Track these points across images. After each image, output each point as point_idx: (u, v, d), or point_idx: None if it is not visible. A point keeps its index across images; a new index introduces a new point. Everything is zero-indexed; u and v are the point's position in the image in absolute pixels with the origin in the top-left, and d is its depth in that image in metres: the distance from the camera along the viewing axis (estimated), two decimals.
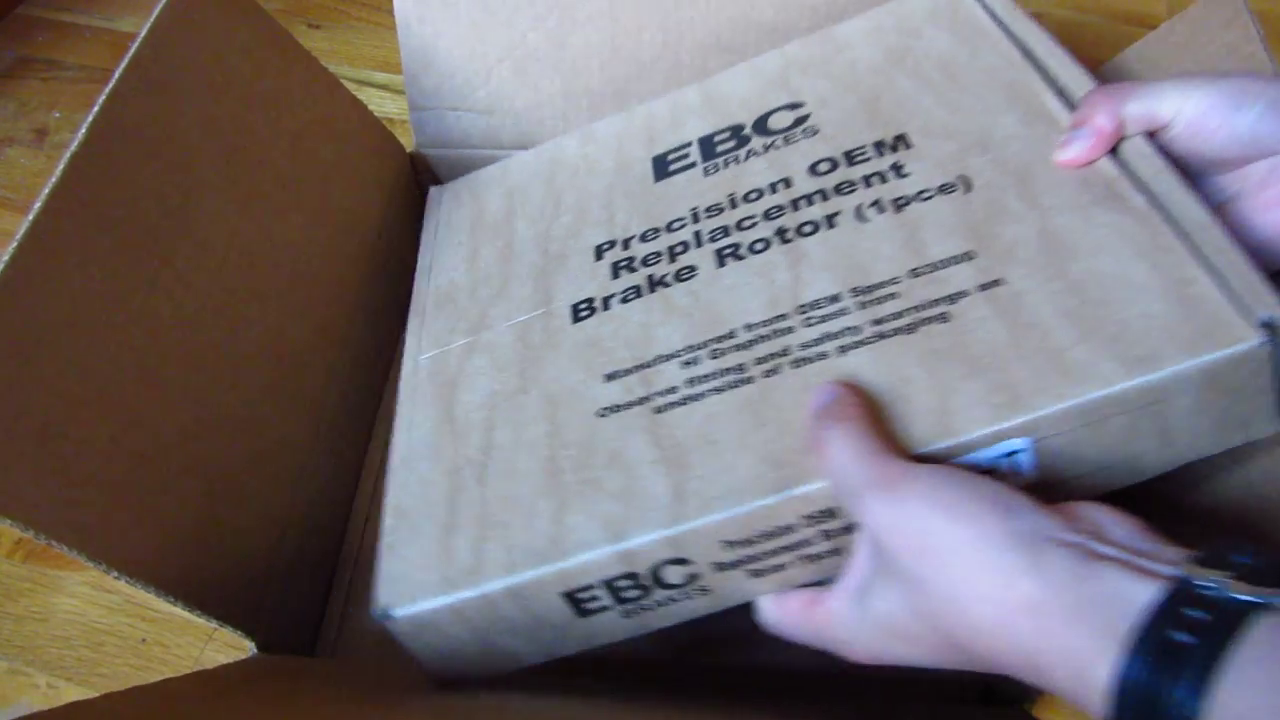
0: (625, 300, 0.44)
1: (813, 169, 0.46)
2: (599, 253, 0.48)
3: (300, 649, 0.53)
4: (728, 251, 0.44)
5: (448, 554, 0.38)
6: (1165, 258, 0.35)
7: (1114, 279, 0.36)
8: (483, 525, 0.38)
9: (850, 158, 0.46)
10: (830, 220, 0.43)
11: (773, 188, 0.46)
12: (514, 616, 0.38)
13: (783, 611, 0.37)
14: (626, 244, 0.47)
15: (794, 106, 0.50)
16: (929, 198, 0.42)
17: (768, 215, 0.45)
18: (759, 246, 0.43)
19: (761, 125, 0.50)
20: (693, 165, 0.50)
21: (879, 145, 0.46)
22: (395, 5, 0.58)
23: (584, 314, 0.45)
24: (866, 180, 0.44)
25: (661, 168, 0.51)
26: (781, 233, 0.44)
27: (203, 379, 0.45)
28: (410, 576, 0.38)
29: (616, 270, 0.46)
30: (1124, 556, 0.27)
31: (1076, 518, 0.30)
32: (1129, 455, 0.35)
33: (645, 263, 0.46)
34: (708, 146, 0.51)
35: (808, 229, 0.43)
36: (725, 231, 0.45)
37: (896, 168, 0.44)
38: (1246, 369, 0.33)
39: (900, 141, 0.45)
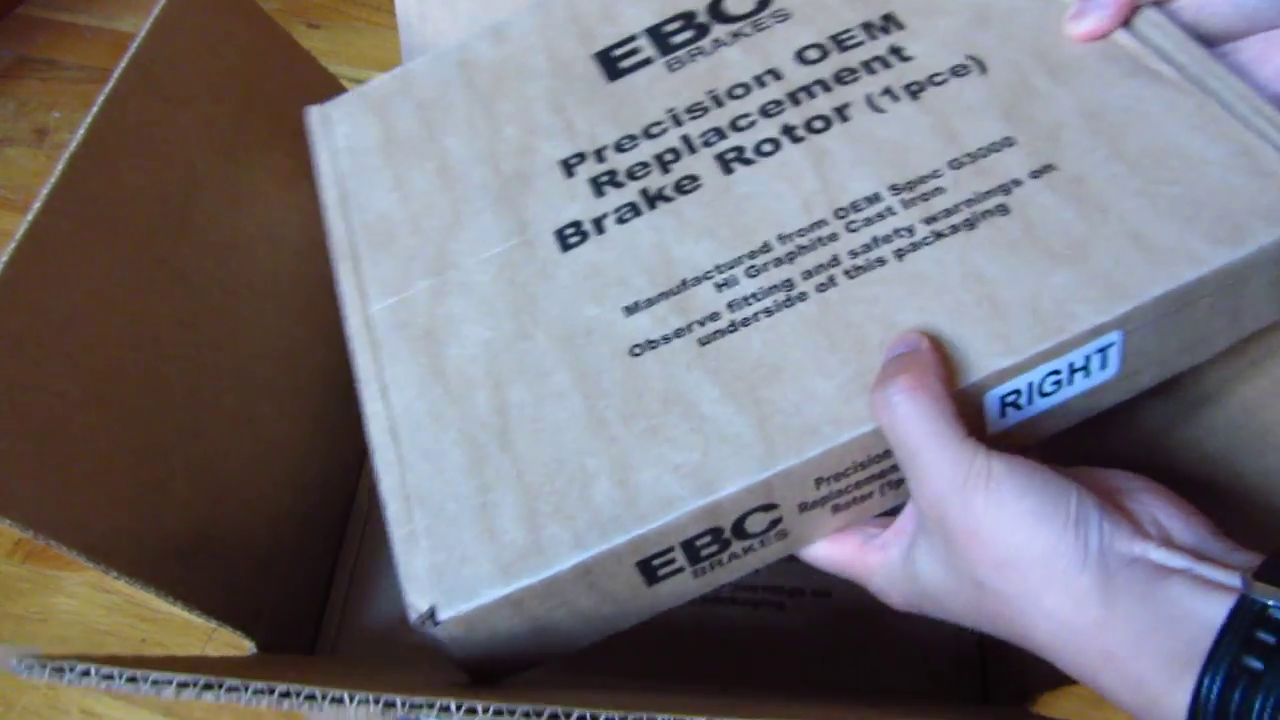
0: (622, 220, 0.39)
1: (800, 57, 0.42)
2: (568, 168, 0.42)
3: (300, 649, 0.53)
4: (731, 156, 0.40)
5: (492, 537, 0.33)
6: (1218, 128, 0.35)
7: (1174, 155, 0.35)
8: (527, 498, 0.34)
9: (840, 43, 0.42)
10: (841, 113, 0.40)
11: (760, 81, 0.42)
12: (578, 597, 0.34)
13: (830, 549, 0.35)
14: (600, 155, 0.42)
15: None
16: (943, 81, 0.39)
17: (765, 112, 0.41)
18: (767, 148, 0.40)
19: (718, 11, 0.45)
20: (649, 61, 0.44)
21: (867, 27, 0.42)
22: (396, 4, 0.58)
23: (574, 240, 0.39)
24: (868, 66, 0.41)
25: (610, 65, 0.45)
26: (789, 130, 0.40)
27: (203, 379, 0.45)
28: (450, 570, 0.33)
29: (599, 187, 0.41)
30: (1192, 567, 0.27)
31: (1143, 519, 0.29)
32: (1201, 337, 0.34)
33: (632, 175, 0.40)
34: (660, 38, 0.45)
35: (819, 124, 0.40)
36: (720, 134, 0.41)
37: (896, 50, 0.41)
38: None
39: (889, 21, 0.42)
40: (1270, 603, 0.25)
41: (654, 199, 0.40)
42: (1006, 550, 0.29)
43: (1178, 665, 0.26)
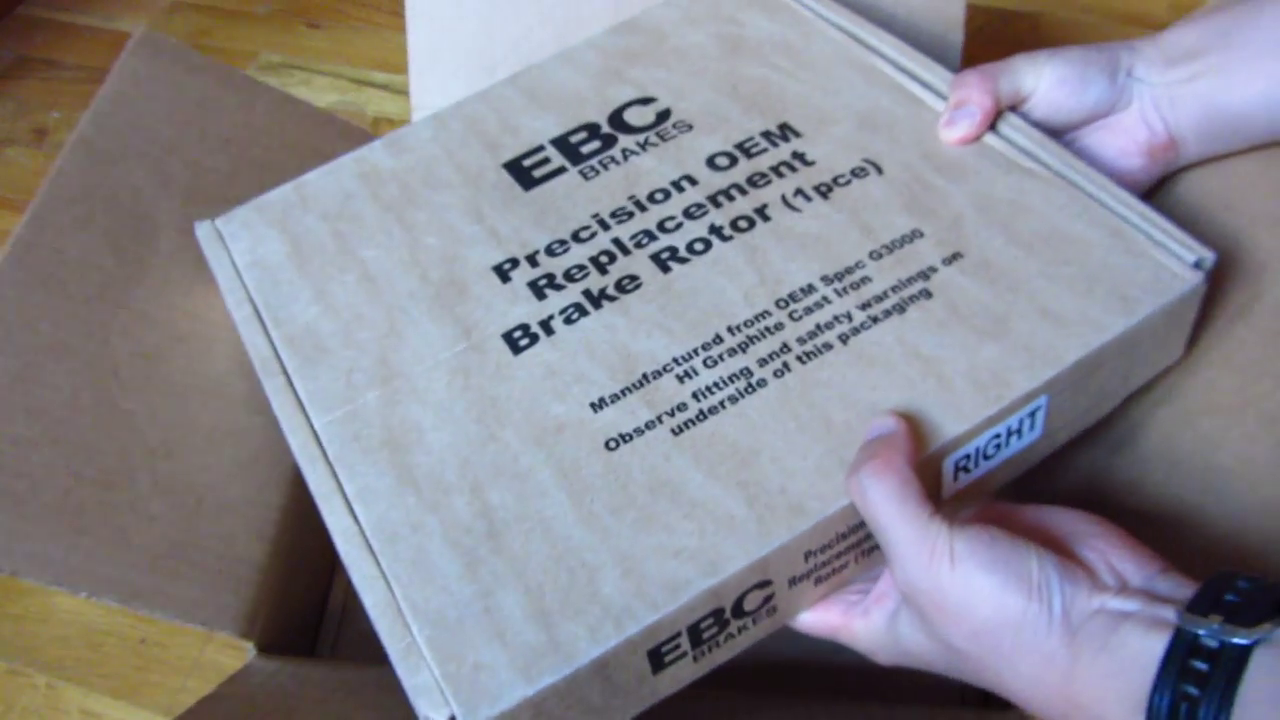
0: (570, 321, 0.40)
1: (711, 164, 0.44)
2: (503, 273, 0.42)
3: (300, 649, 0.54)
4: (666, 255, 0.41)
5: (503, 640, 0.32)
6: (1091, 216, 0.39)
7: (1060, 239, 0.39)
8: (532, 597, 0.33)
9: (746, 150, 0.45)
10: (761, 213, 0.42)
11: (677, 186, 0.44)
12: (591, 693, 0.33)
13: (816, 618, 0.37)
14: (533, 260, 0.42)
15: (646, 101, 0.48)
16: (847, 182, 0.42)
17: (689, 214, 0.43)
18: (699, 247, 0.41)
19: (620, 122, 0.47)
20: (562, 170, 0.46)
21: (768, 135, 0.45)
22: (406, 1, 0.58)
23: (524, 342, 0.40)
24: (776, 170, 0.43)
25: (523, 175, 0.46)
26: (716, 230, 0.42)
27: (170, 402, 0.46)
28: (465, 678, 0.32)
29: (539, 290, 0.41)
30: (1141, 609, 0.29)
31: (1098, 567, 0.31)
32: (1101, 397, 0.39)
33: (570, 278, 0.41)
34: (568, 148, 0.47)
35: (743, 223, 0.42)
36: (651, 235, 0.42)
37: (799, 156, 0.44)
38: (1189, 304, 0.38)
39: (787, 130, 0.45)
40: (1200, 632, 0.27)
41: (598, 299, 0.41)
42: (977, 622, 0.30)
43: (1130, 704, 0.28)
